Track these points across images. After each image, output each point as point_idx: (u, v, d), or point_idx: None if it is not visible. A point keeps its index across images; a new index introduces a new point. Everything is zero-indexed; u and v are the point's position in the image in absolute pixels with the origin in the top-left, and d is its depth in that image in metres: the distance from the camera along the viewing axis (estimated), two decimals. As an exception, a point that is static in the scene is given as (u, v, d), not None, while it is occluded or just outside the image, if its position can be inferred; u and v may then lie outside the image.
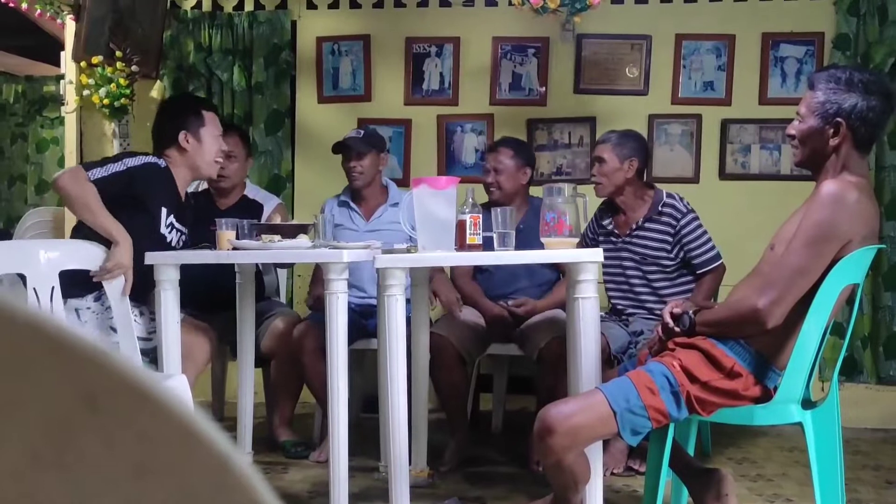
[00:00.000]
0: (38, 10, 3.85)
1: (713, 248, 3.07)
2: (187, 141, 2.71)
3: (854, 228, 1.89)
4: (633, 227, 3.09)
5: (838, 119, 1.93)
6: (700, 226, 3.07)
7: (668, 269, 3.08)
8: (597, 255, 2.30)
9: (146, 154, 2.73)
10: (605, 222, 3.18)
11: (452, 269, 3.40)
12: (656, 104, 4.08)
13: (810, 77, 2.03)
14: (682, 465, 2.17)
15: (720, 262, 3.08)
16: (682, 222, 3.04)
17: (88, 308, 2.56)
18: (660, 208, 3.07)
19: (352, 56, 4.27)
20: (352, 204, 3.45)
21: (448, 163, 4.21)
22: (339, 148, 3.40)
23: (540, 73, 4.15)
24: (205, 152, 2.74)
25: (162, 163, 2.67)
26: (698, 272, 3.07)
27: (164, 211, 2.60)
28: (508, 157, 3.27)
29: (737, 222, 3.92)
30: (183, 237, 2.82)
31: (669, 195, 3.11)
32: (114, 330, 2.52)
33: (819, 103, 1.95)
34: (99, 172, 2.51)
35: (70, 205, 2.53)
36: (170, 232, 2.72)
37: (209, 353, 2.71)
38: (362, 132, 3.43)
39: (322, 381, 2.49)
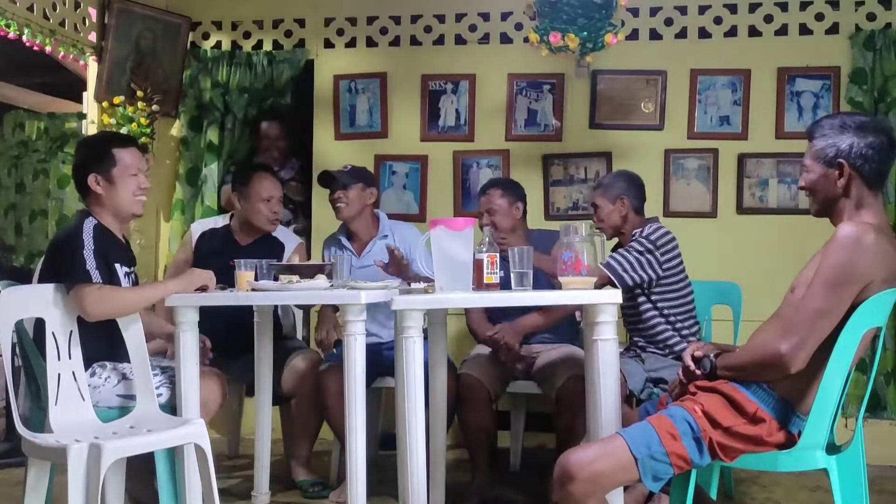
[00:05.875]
0: (62, 53, 3.92)
1: (615, 264, 2.87)
2: (98, 184, 2.57)
3: (873, 269, 1.88)
4: None
5: (839, 160, 1.98)
6: (636, 249, 2.91)
7: (662, 289, 2.99)
8: (616, 296, 2.29)
9: (80, 215, 2.59)
10: None
11: (467, 312, 3.40)
12: (672, 139, 4.09)
13: (808, 130, 2.09)
14: (705, 510, 2.14)
15: (606, 279, 2.84)
16: (629, 241, 2.98)
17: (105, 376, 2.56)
18: (635, 237, 3.02)
19: (368, 93, 4.32)
20: (344, 241, 3.47)
21: (464, 198, 4.22)
22: (324, 179, 3.43)
23: (555, 108, 4.18)
24: (119, 192, 2.59)
25: (94, 220, 2.55)
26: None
27: (118, 267, 2.56)
28: (498, 195, 3.27)
29: (755, 256, 3.90)
30: (135, 277, 2.75)
31: (643, 227, 3.00)
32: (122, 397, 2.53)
33: (819, 150, 2.02)
34: (93, 269, 2.40)
35: (127, 312, 2.47)
36: (128, 283, 2.66)
37: (220, 398, 2.69)
38: (350, 167, 3.47)
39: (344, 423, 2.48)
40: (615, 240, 3.17)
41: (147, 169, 2.69)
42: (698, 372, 2.06)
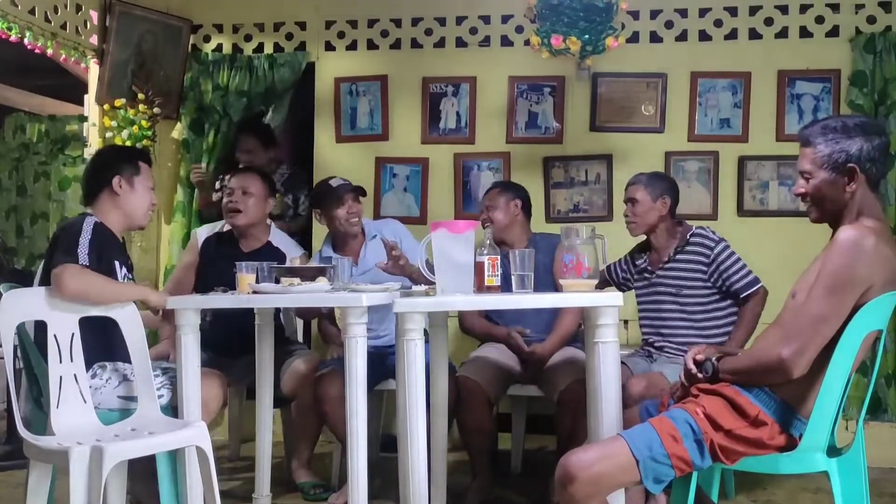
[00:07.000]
0: (63, 55, 3.92)
1: (750, 272, 3.04)
2: (120, 186, 2.66)
3: (874, 273, 1.88)
4: (665, 259, 3.11)
5: (850, 165, 1.94)
6: (733, 252, 3.06)
7: (704, 297, 3.05)
8: (616, 298, 2.29)
9: (82, 215, 2.62)
10: (640, 261, 3.20)
11: (461, 311, 3.39)
12: (673, 141, 4.09)
13: (802, 135, 2.02)
14: (706, 512, 2.14)
15: (760, 285, 3.03)
16: (717, 250, 3.03)
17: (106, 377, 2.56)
18: (689, 238, 3.08)
19: (369, 96, 4.32)
20: (335, 255, 3.37)
21: (465, 201, 4.22)
22: (338, 191, 3.35)
23: (556, 111, 4.18)
24: (137, 199, 2.69)
25: (96, 218, 2.59)
26: (742, 297, 3.02)
27: (117, 265, 2.59)
28: (496, 193, 3.38)
29: (756, 259, 3.86)
30: (132, 279, 2.77)
31: (700, 227, 3.14)
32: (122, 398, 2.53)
33: (825, 156, 1.96)
34: (84, 255, 2.42)
35: (90, 300, 2.45)
36: (125, 282, 2.67)
37: (222, 400, 2.70)
38: (346, 180, 3.42)
39: (345, 428, 2.47)
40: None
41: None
42: (700, 375, 2.06)
